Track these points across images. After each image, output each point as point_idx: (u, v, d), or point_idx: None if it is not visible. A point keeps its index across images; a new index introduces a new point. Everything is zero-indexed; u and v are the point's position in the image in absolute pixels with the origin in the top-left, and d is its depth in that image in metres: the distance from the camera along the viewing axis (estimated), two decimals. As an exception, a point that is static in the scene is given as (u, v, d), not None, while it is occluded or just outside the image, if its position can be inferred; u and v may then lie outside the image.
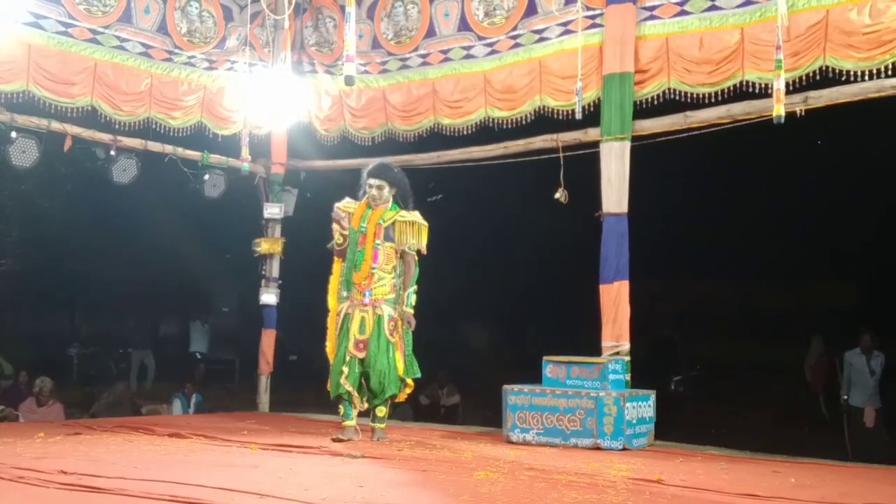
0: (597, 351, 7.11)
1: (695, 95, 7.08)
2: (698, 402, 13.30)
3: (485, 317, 18.72)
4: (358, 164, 9.35)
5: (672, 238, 13.52)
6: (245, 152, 8.27)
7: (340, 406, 6.32)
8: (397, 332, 6.29)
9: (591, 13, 7.50)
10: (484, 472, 4.85)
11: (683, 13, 7.11)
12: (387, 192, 6.42)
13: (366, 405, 6.35)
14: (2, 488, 4.16)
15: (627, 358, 6.98)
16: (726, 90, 6.94)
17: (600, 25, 7.43)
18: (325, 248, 6.54)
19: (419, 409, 11.96)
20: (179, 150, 8.78)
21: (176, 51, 8.54)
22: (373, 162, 6.67)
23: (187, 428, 6.74)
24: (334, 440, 6.15)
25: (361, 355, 6.19)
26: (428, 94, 8.50)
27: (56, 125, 7.92)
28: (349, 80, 5.26)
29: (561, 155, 7.68)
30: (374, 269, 6.26)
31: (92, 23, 7.96)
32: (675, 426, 7.81)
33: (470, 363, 16.18)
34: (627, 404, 6.25)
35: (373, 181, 6.41)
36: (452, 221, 15.64)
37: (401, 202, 6.48)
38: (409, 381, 6.45)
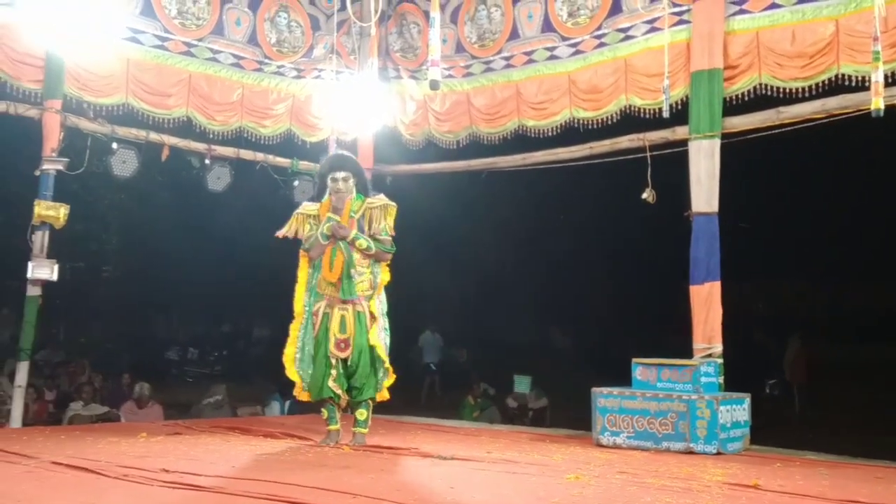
0: (687, 353, 6.95)
1: (787, 90, 6.87)
2: (794, 406, 12.91)
3: (571, 319, 18.57)
4: (443, 167, 9.49)
5: (764, 238, 13.17)
6: (333, 158, 8.36)
7: (324, 409, 6.08)
8: (376, 325, 6.00)
9: (677, 10, 7.36)
10: (574, 474, 4.79)
11: (774, 6, 6.90)
12: (352, 182, 6.12)
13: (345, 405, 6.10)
14: (107, 486, 4.30)
15: (720, 360, 6.80)
16: (820, 84, 6.70)
17: (687, 22, 7.28)
18: (411, 248, 6.44)
19: (506, 412, 11.93)
20: (270, 158, 8.95)
21: (266, 61, 8.71)
22: (330, 157, 6.33)
23: (282, 428, 6.86)
24: (319, 445, 5.98)
25: (344, 355, 5.94)
26: (512, 96, 8.47)
27: (154, 136, 8.18)
28: (434, 85, 5.28)
29: (648, 154, 7.57)
30: (351, 266, 5.96)
31: (186, 36, 8.20)
32: (771, 431, 7.58)
33: (557, 366, 16.05)
34: (721, 407, 6.09)
35: (339, 174, 6.08)
36: (537, 223, 15.61)
37: (361, 189, 6.17)
38: (391, 369, 6.10)
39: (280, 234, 6.23)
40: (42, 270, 7.27)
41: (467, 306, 18.87)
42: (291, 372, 6.12)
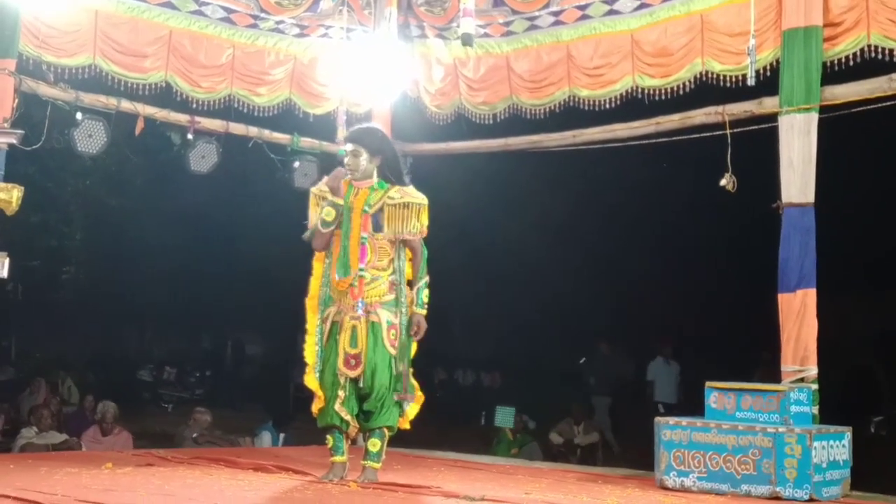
0: (774, 377, 6.93)
1: (903, 53, 6.80)
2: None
3: (630, 337, 18.45)
4: (476, 147, 9.48)
5: (870, 237, 13.01)
6: (341, 134, 8.38)
7: (329, 437, 6.05)
8: (398, 340, 5.95)
9: (766, -47, 7.32)
10: (632, 520, 4.76)
11: (890, -54, 6.84)
12: (364, 161, 6.02)
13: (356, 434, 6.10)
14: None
15: (814, 386, 6.75)
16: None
17: (779, -32, 7.24)
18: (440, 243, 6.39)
19: (549, 448, 11.91)
20: (266, 133, 8.97)
21: (262, 15, 8.74)
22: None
23: (275, 461, 6.89)
24: (321, 481, 5.97)
25: (354, 374, 5.89)
26: (562, 59, 8.44)
27: (126, 104, 8.21)
28: (467, 39, 5.28)
29: (728, 132, 7.53)
30: (361, 270, 5.91)
31: (166, -17, 8.26)
32: (875, 474, 7.48)
33: (611, 393, 15.93)
34: (815, 443, 6.03)
35: (347, 146, 6.08)
36: (585, 216, 15.56)
37: (390, 175, 6.11)
38: (418, 393, 6.09)
39: (307, 235, 6.20)
40: (-10, 265, 7.32)
41: (504, 324, 18.85)
42: (310, 378, 6.06)
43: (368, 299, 5.94)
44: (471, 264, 16.12)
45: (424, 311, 6.07)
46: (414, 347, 6.14)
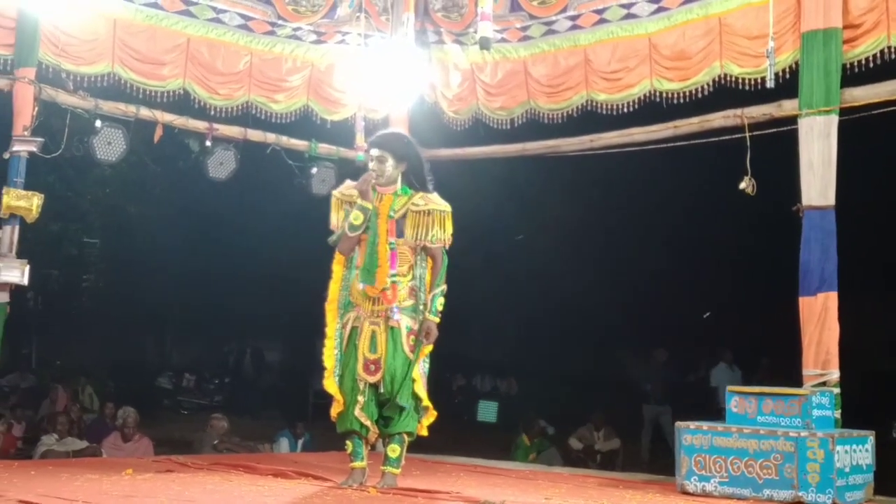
0: (794, 381, 6.87)
1: (924, 55, 6.78)
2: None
3: (649, 341, 18.39)
4: (493, 152, 9.47)
5: (890, 239, 12.93)
6: (360, 140, 8.40)
7: (349, 443, 6.02)
8: (417, 346, 5.92)
9: (785, -45, 7.28)
10: (654, 525, 4.73)
11: (911, -54, 6.81)
12: (390, 167, 5.97)
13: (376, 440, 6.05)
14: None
15: (836, 390, 6.71)
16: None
17: (797, -30, 7.21)
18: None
19: (569, 454, 11.88)
20: (283, 140, 9.00)
21: (279, 22, 8.77)
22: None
23: (294, 467, 6.87)
24: (341, 486, 5.95)
25: (374, 379, 5.86)
26: (579, 64, 8.42)
27: (145, 112, 8.26)
28: (485, 43, 5.27)
29: (747, 134, 7.48)
30: (393, 276, 5.88)
31: (184, -9, 8.29)
32: (898, 479, 7.42)
33: (631, 399, 15.89)
34: (838, 447, 5.98)
35: (373, 151, 6.01)
36: (602, 221, 15.52)
37: (415, 182, 6.05)
38: (430, 407, 6.06)
39: (333, 238, 6.16)
40: (11, 272, 7.34)
41: (522, 328, 18.83)
42: (330, 382, 6.01)
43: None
44: (488, 269, 16.12)
45: (437, 319, 6.02)
46: (424, 352, 6.09)
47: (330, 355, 6.06)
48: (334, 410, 6.06)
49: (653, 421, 13.09)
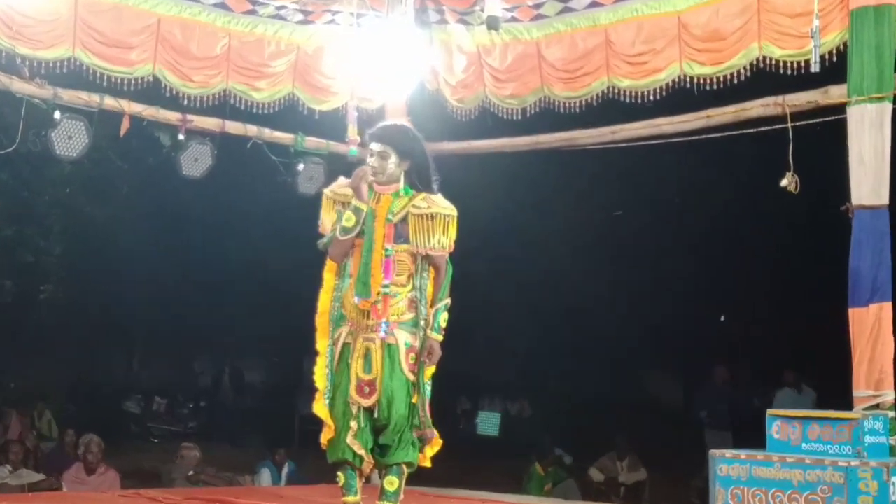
0: (844, 403, 6.88)
1: None
2: None
3: (677, 361, 18.39)
4: (502, 145, 9.49)
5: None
6: (352, 132, 8.38)
7: (340, 474, 5.91)
8: (418, 366, 5.85)
9: (830, -78, 7.30)
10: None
11: None
12: (392, 164, 5.86)
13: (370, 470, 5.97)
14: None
15: (892, 413, 6.68)
16: None
17: (845, -61, 7.23)
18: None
19: (589, 487, 11.90)
20: (266, 132, 9.01)
21: (261, 1, 8.77)
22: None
23: (279, 501, 6.86)
24: None
25: (368, 403, 5.78)
26: (599, 46, 8.42)
27: (110, 102, 8.26)
28: (493, 23, 5.25)
29: (789, 125, 7.49)
30: (385, 288, 5.79)
31: (153, -35, 8.30)
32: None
33: (659, 425, 15.90)
34: (893, 478, 5.97)
35: (374, 146, 5.90)
36: (627, 222, 15.52)
37: (418, 182, 5.95)
38: (436, 435, 5.97)
39: (323, 242, 6.13)
40: (-41, 283, 7.35)
41: (534, 343, 18.82)
42: (320, 406, 5.94)
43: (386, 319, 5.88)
44: (496, 276, 16.10)
45: (440, 337, 5.93)
46: (427, 375, 6.06)
47: (321, 375, 6.02)
48: (324, 437, 6.02)
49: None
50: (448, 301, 5.99)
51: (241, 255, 16.20)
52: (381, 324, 5.81)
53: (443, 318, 5.95)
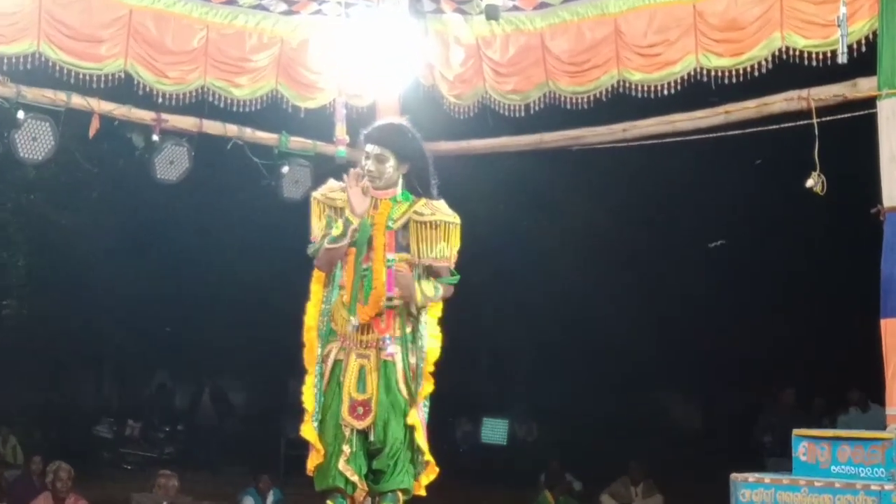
0: (876, 423, 6.98)
1: None
2: None
3: (695, 380, 18.40)
4: (504, 144, 9.50)
5: None
6: (340, 131, 8.39)
7: (330, 502, 5.88)
8: (415, 385, 5.85)
9: None
10: None
11: None
12: (391, 168, 5.84)
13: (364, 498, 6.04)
14: None
15: (927, 433, 6.72)
16: None
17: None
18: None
19: (599, 514, 11.93)
20: (247, 132, 9.02)
21: (242, -10, 8.82)
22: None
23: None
24: None
25: (362, 425, 5.79)
26: (608, 36, 8.45)
27: (78, 100, 8.28)
28: (492, 12, 5.28)
29: (815, 121, 7.53)
30: (390, 300, 5.79)
31: (124, -47, 8.33)
32: None
33: (675, 448, 15.92)
34: (930, 503, 6.00)
35: (370, 148, 5.88)
36: (638, 227, 15.55)
37: (418, 186, 5.95)
38: (432, 463, 5.96)
39: (312, 250, 6.10)
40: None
41: (540, 356, 18.84)
42: (308, 429, 5.92)
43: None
44: (499, 287, 16.10)
45: (420, 293, 5.79)
46: (426, 391, 6.05)
47: (310, 395, 6.01)
48: (312, 463, 6.00)
49: None
50: (443, 289, 5.91)
51: (221, 266, 16.21)
52: (384, 339, 5.82)
53: (432, 287, 5.86)
